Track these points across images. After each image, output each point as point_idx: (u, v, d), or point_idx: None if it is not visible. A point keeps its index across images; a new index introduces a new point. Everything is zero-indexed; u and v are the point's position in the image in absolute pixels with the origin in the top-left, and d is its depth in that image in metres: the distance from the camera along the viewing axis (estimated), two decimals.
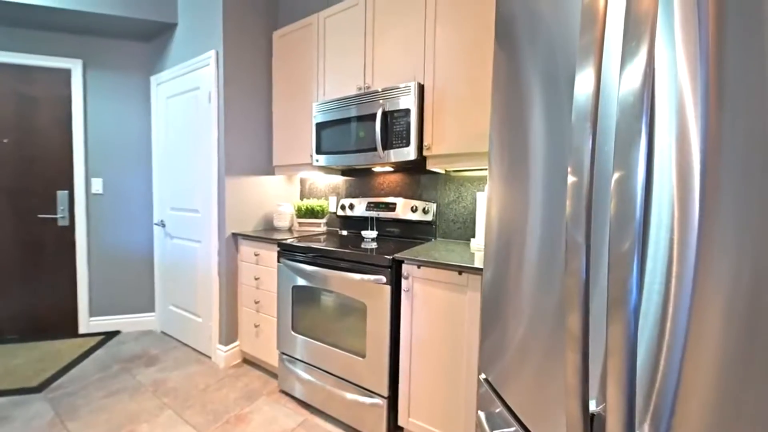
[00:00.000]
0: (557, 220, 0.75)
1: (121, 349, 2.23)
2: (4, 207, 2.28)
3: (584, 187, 0.52)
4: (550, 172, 0.80)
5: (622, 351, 0.43)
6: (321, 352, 1.56)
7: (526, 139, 0.86)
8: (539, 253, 0.87)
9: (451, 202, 1.81)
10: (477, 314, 1.16)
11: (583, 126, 0.51)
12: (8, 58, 2.24)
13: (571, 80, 0.66)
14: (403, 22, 1.64)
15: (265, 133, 2.27)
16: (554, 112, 0.75)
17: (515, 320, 0.91)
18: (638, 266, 0.42)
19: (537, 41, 0.79)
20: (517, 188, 0.91)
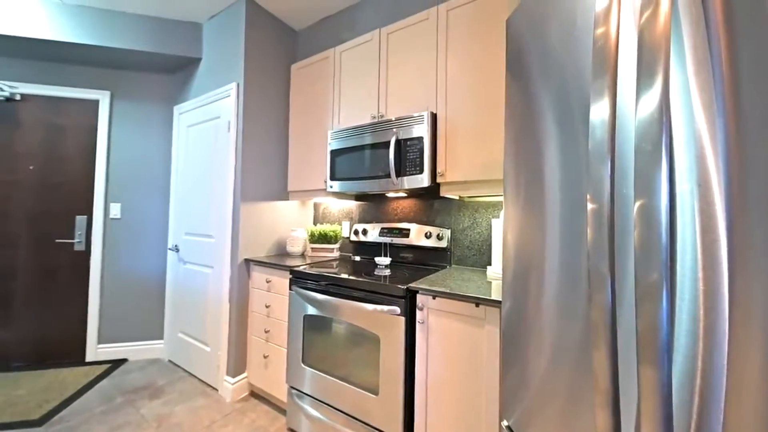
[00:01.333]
0: (576, 248, 0.72)
1: (127, 379, 2.17)
2: (23, 232, 2.33)
3: (605, 214, 0.49)
4: (566, 200, 0.78)
5: (656, 395, 0.38)
6: (332, 387, 1.48)
7: (541, 167, 0.85)
8: (558, 283, 0.83)
9: (465, 228, 1.77)
10: (496, 350, 1.09)
11: (600, 153, 0.49)
12: (40, 90, 2.39)
13: (584, 108, 0.66)
14: (415, 55, 1.69)
15: (280, 160, 2.32)
16: (568, 140, 0.74)
17: (536, 356, 0.85)
18: (668, 298, 0.38)
19: (548, 73, 0.79)
20: (533, 217, 0.88)
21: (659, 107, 0.37)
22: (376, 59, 1.85)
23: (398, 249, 1.98)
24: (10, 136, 2.33)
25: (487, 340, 1.11)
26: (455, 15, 1.55)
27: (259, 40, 2.19)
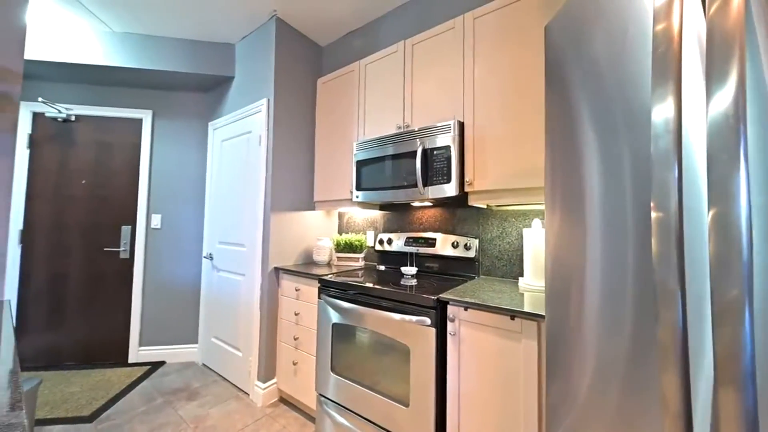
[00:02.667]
0: (618, 260, 0.69)
1: (165, 381, 2.29)
2: (76, 241, 2.53)
3: (673, 225, 0.47)
4: (608, 211, 0.75)
5: (738, 421, 0.35)
6: (362, 397, 1.49)
7: (581, 176, 0.83)
8: (601, 297, 0.80)
9: (494, 238, 1.74)
10: (534, 366, 1.06)
11: (665, 160, 0.47)
12: (92, 111, 2.61)
13: (630, 116, 0.64)
14: (440, 64, 1.71)
15: (307, 171, 2.39)
16: (610, 149, 0.72)
17: (579, 373, 0.82)
18: (750, 317, 0.35)
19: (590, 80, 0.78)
20: (574, 227, 0.86)
21: (735, 108, 0.35)
22: (400, 70, 1.88)
23: (423, 258, 1.98)
24: (66, 154, 2.55)
25: (524, 354, 1.07)
26: (482, 23, 1.56)
27: (288, 56, 2.28)
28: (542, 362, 1.05)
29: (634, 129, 0.68)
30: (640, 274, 0.63)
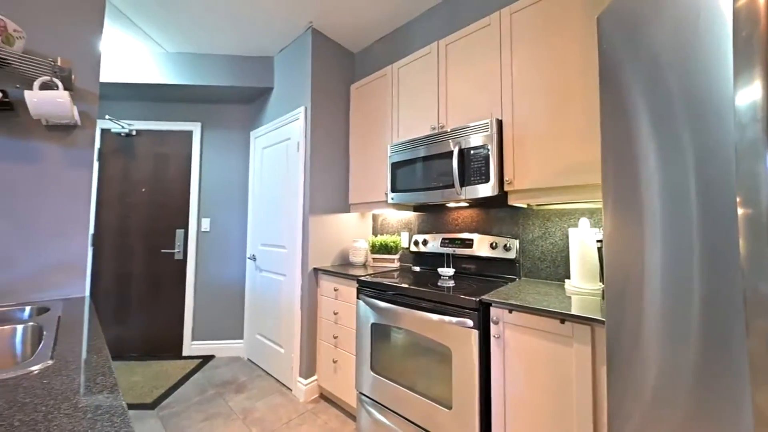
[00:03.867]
0: (684, 261, 0.64)
1: (215, 373, 2.45)
2: (137, 244, 2.80)
3: (765, 221, 0.42)
4: (669, 209, 0.70)
5: None
6: (402, 397, 1.49)
7: (637, 174, 0.78)
8: (662, 301, 0.74)
9: (536, 239, 1.67)
10: (587, 372, 1.00)
11: (753, 148, 0.43)
12: (150, 125, 2.87)
13: (693, 108, 0.59)
14: (476, 62, 1.67)
15: (342, 175, 2.45)
16: (670, 143, 0.67)
17: (641, 383, 0.77)
18: None
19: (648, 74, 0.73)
20: (630, 226, 0.81)
21: None
22: (434, 71, 1.87)
23: (460, 260, 1.94)
24: (129, 165, 2.83)
25: (577, 359, 1.02)
26: (520, 17, 1.51)
27: (322, 65, 2.36)
28: (597, 368, 0.99)
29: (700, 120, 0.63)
30: (710, 276, 0.58)
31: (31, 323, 0.85)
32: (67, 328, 0.82)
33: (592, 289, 1.33)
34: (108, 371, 0.57)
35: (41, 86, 1.06)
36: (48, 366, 0.59)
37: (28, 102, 1.00)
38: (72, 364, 0.60)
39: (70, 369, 0.58)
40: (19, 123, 1.11)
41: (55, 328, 0.80)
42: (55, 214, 1.16)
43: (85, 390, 0.50)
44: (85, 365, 0.59)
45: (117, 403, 0.47)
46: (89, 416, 0.43)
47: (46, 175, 1.15)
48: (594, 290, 1.32)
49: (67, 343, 0.70)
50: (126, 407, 0.46)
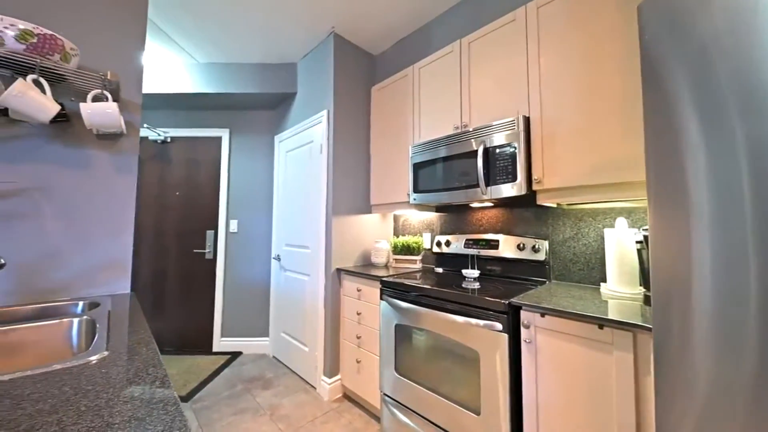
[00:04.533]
0: (737, 261, 0.60)
1: (243, 369, 2.54)
2: (172, 244, 2.95)
3: None
4: (719, 207, 0.66)
5: None
6: (428, 400, 1.48)
7: (683, 168, 0.74)
8: (714, 303, 0.70)
9: (567, 240, 1.61)
10: (629, 381, 0.95)
11: None
12: (183, 132, 3.02)
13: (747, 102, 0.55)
14: (500, 59, 1.64)
15: (363, 176, 2.48)
16: (719, 138, 0.63)
17: (691, 395, 0.72)
18: None
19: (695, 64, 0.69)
20: (677, 226, 0.77)
21: None
22: (456, 70, 1.86)
23: (484, 261, 1.91)
24: (164, 170, 3.00)
25: (617, 367, 0.97)
26: (547, 11, 1.47)
27: (344, 68, 2.40)
28: (641, 378, 0.94)
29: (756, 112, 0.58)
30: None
31: (85, 317, 0.92)
32: (117, 321, 0.88)
33: (632, 293, 1.27)
34: (158, 363, 0.61)
35: (93, 98, 1.15)
36: (104, 356, 0.63)
37: (83, 113, 1.08)
38: (125, 356, 0.64)
39: (124, 360, 0.62)
40: (73, 133, 1.20)
41: (107, 321, 0.87)
42: (103, 216, 1.25)
43: (139, 380, 0.54)
44: (136, 357, 0.63)
45: (169, 393, 0.50)
46: (146, 404, 0.46)
47: (96, 180, 1.25)
48: (633, 295, 1.26)
49: (118, 336, 0.75)
50: (178, 398, 0.48)
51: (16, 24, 0.98)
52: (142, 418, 0.43)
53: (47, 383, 0.52)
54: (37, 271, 1.13)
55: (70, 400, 0.47)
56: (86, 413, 0.44)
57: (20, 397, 0.48)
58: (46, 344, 0.88)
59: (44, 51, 1.05)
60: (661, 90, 0.79)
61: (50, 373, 0.56)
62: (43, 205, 1.15)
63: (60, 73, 1.10)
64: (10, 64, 1.03)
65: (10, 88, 0.94)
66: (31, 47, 1.02)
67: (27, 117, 1.01)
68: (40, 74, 1.05)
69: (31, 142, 1.14)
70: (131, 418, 0.43)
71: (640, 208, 1.42)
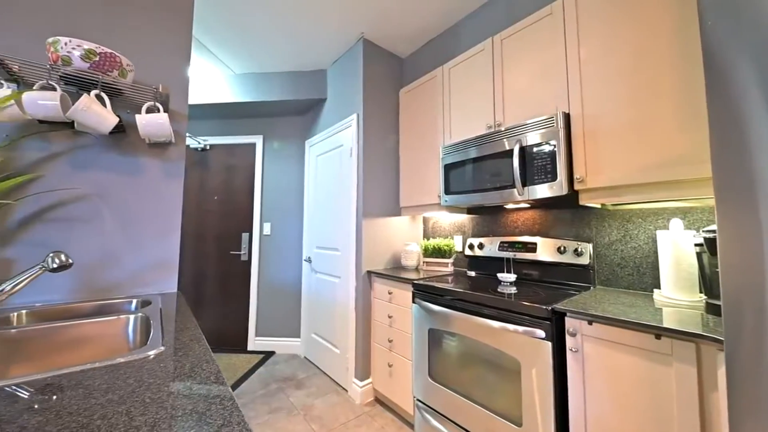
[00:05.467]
0: None
1: (276, 369, 2.61)
2: (211, 247, 3.11)
3: None
4: None
5: None
6: (464, 408, 1.44)
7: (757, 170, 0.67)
8: None
9: (613, 242, 1.51)
10: (693, 398, 0.86)
11: None
12: (220, 140, 3.19)
13: None
14: (536, 56, 1.58)
15: (393, 178, 2.47)
16: None
17: (759, 414, 0.64)
18: None
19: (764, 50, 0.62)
20: (751, 227, 0.69)
21: None
22: (488, 68, 1.81)
23: (520, 264, 1.83)
24: (204, 176, 3.17)
25: (678, 381, 0.89)
26: (587, 1, 1.39)
27: (373, 72, 2.42)
28: (706, 393, 0.85)
29: None
30: None
31: (140, 314, 0.98)
32: (168, 319, 0.93)
33: (690, 301, 1.16)
34: (210, 359, 0.63)
35: (146, 110, 1.24)
36: (161, 351, 0.67)
37: (138, 124, 1.17)
38: (179, 351, 0.67)
39: (179, 355, 0.65)
40: (128, 142, 1.30)
41: (159, 318, 0.92)
42: (153, 219, 1.34)
43: (195, 375, 0.56)
44: (190, 352, 0.66)
45: (225, 389, 0.51)
46: (203, 399, 0.48)
47: (147, 185, 1.34)
48: (693, 302, 1.15)
49: (171, 332, 0.79)
50: (233, 394, 0.50)
51: (82, 44, 1.08)
52: (203, 412, 0.44)
53: (113, 375, 0.56)
54: (96, 271, 1.22)
55: (136, 392, 0.50)
56: (151, 405, 0.46)
57: (91, 387, 0.52)
58: (107, 338, 0.95)
59: (105, 68, 1.14)
60: (726, 80, 0.72)
61: (115, 365, 0.60)
62: (102, 210, 1.25)
63: (118, 87, 1.19)
64: (76, 81, 1.13)
65: (77, 103, 1.03)
66: (93, 65, 1.12)
67: (90, 129, 1.11)
68: (102, 89, 1.15)
69: (92, 152, 1.24)
70: (192, 411, 0.45)
71: (697, 208, 1.30)
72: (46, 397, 0.48)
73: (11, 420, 0.43)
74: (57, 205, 1.17)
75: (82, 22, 1.25)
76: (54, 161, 1.18)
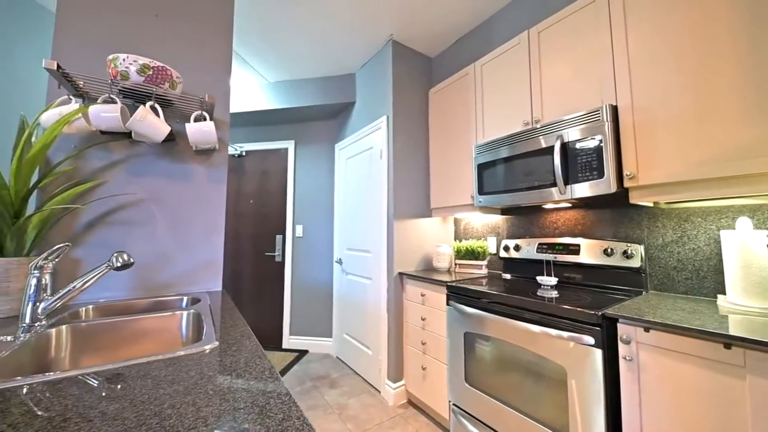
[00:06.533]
0: None
1: (310, 367, 2.67)
2: (248, 248, 3.25)
3: None
4: None
5: None
6: (504, 415, 1.38)
7: None
8: None
9: (669, 244, 1.39)
10: None
11: None
12: (255, 146, 3.33)
13: None
14: (578, 46, 1.50)
15: (423, 180, 2.45)
16: None
17: None
18: None
19: None
20: None
21: None
22: (525, 62, 1.74)
23: (561, 267, 1.74)
24: (240, 181, 3.33)
25: (752, 396, 0.80)
26: None
27: (402, 73, 2.42)
28: None
29: None
30: None
31: (192, 310, 1.04)
32: (217, 316, 0.97)
33: (762, 308, 1.04)
34: (262, 355, 0.65)
35: (194, 119, 1.32)
36: (216, 346, 0.70)
37: (188, 132, 1.25)
38: (233, 346, 0.70)
39: (232, 350, 0.68)
40: (177, 150, 1.39)
41: (210, 315, 0.97)
42: (200, 222, 1.42)
43: (251, 369, 0.58)
44: (243, 348, 0.69)
45: (280, 385, 0.53)
46: (261, 393, 0.50)
47: (194, 190, 1.42)
48: (765, 310, 1.03)
49: (222, 329, 0.83)
50: (288, 390, 0.51)
51: (138, 60, 1.17)
52: (263, 406, 0.46)
53: (176, 367, 0.59)
54: (151, 270, 1.32)
55: (198, 384, 0.53)
56: (214, 397, 0.48)
57: (158, 378, 0.55)
58: (163, 333, 1.02)
59: (157, 81, 1.23)
60: None
61: (176, 358, 0.64)
62: (155, 213, 1.34)
63: (169, 98, 1.28)
64: (132, 94, 1.23)
65: (135, 114, 1.12)
66: (148, 78, 1.20)
67: (146, 138, 1.19)
68: (155, 100, 1.23)
69: (146, 160, 1.34)
70: (253, 404, 0.46)
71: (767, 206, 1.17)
72: (119, 385, 0.52)
73: (93, 406, 0.47)
74: (117, 209, 1.28)
75: (136, 39, 1.36)
76: (113, 169, 1.29)
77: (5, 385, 0.51)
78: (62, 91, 1.21)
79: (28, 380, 0.53)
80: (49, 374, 0.55)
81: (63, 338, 0.89)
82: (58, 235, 1.18)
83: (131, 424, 0.41)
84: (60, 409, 0.45)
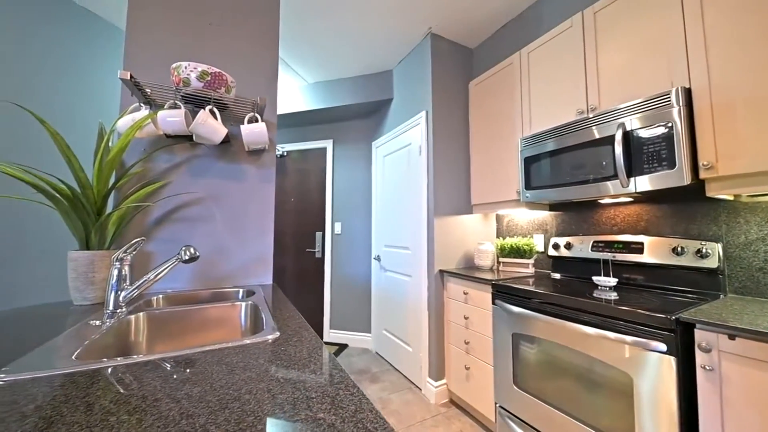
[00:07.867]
0: None
1: (351, 361, 2.73)
2: (290, 244, 3.39)
3: None
4: None
5: None
6: (557, 421, 1.31)
7: None
8: None
9: (753, 242, 1.22)
10: None
11: None
12: (295, 146, 3.45)
13: None
14: (641, 25, 1.36)
15: (463, 175, 2.39)
16: None
17: None
18: None
19: None
20: None
21: None
22: (579, 46, 1.62)
23: (619, 267, 1.60)
24: (282, 180, 3.48)
25: None
26: None
27: (441, 66, 2.37)
28: None
29: None
30: None
31: (249, 302, 1.10)
32: (272, 307, 1.02)
33: None
34: (320, 345, 0.67)
35: (248, 120, 1.39)
36: (277, 337, 0.73)
37: (243, 133, 1.32)
38: (293, 337, 0.73)
39: (293, 341, 0.71)
40: (232, 151, 1.48)
41: (267, 307, 1.02)
42: (253, 219, 1.50)
43: (315, 359, 0.60)
44: (303, 339, 0.72)
45: (345, 376, 0.54)
46: (329, 383, 0.51)
47: (247, 189, 1.50)
48: None
49: (279, 320, 0.87)
50: (355, 382, 0.52)
51: (198, 67, 1.26)
52: (334, 396, 0.47)
53: (245, 355, 0.63)
54: (211, 263, 1.42)
55: (269, 371, 0.55)
56: (285, 385, 0.50)
57: (231, 364, 0.59)
58: (225, 322, 1.09)
59: (215, 86, 1.31)
60: None
61: (244, 346, 0.67)
62: (214, 211, 1.44)
63: (224, 102, 1.36)
64: (192, 99, 1.32)
65: (197, 118, 1.20)
66: (206, 84, 1.29)
67: (206, 140, 1.28)
68: (214, 105, 1.32)
69: (205, 160, 1.44)
70: (324, 394, 0.47)
71: None
72: (197, 370, 0.56)
73: (177, 388, 0.50)
74: (181, 207, 1.39)
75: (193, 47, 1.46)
76: (177, 170, 1.40)
77: (99, 365, 0.57)
78: (133, 99, 1.33)
79: (120, 361, 0.59)
80: (135, 357, 0.61)
81: (141, 324, 0.99)
82: (132, 231, 1.31)
83: (215, 407, 0.44)
84: (150, 389, 0.49)
